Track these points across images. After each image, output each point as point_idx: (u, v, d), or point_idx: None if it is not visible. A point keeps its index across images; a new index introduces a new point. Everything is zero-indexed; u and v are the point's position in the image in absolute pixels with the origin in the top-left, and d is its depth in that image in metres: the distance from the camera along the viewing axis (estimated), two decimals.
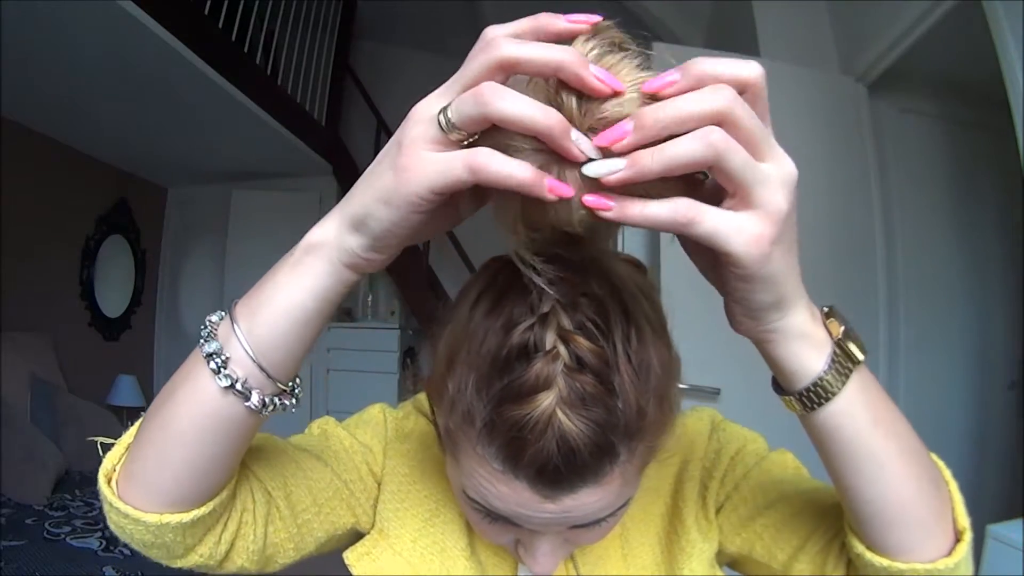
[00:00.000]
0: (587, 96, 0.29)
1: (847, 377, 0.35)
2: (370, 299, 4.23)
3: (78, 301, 3.42)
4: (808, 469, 0.52)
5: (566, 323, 0.36)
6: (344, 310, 4.13)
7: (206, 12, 2.52)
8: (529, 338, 0.36)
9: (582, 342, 0.36)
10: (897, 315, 1.98)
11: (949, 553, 0.38)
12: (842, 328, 0.36)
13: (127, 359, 3.70)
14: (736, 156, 0.28)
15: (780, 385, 0.37)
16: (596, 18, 0.30)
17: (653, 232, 1.88)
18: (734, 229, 0.29)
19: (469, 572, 0.50)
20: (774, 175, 0.29)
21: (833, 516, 0.44)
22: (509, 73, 0.29)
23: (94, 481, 0.41)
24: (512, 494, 0.38)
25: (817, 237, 1.83)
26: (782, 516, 0.47)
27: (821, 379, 0.35)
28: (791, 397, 0.36)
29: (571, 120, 0.29)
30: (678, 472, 0.53)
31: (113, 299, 3.69)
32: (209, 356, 0.35)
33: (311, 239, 0.36)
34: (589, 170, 0.29)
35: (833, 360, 0.35)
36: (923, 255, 2.04)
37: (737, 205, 0.30)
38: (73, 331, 3.34)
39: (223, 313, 0.38)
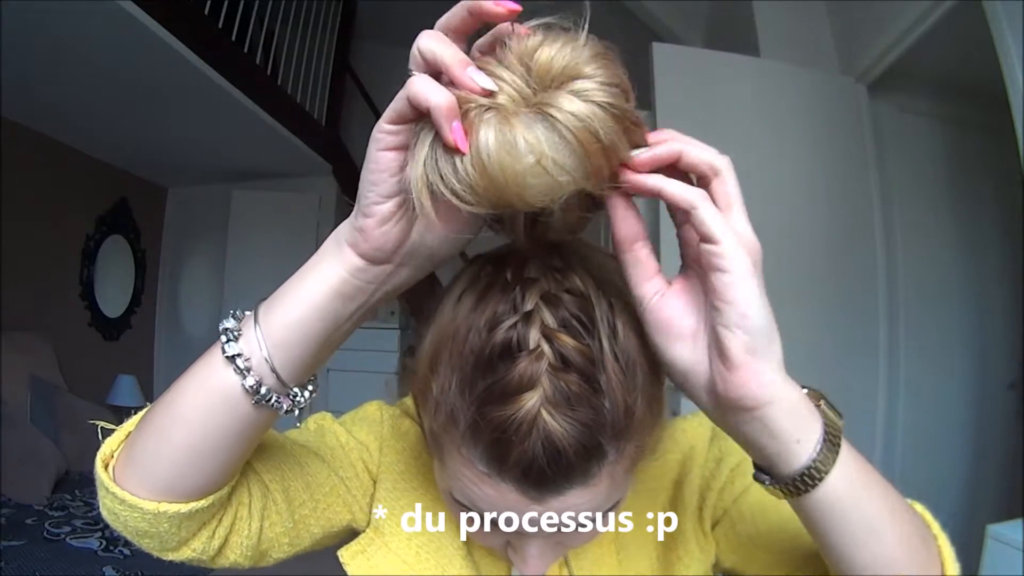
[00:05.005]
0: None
1: (838, 447, 0.34)
2: None
3: (78, 301, 3.42)
4: None
5: (550, 320, 0.36)
6: None
7: (206, 12, 2.52)
8: (512, 336, 0.35)
9: (567, 340, 0.35)
10: (897, 315, 1.98)
11: None
12: (819, 398, 0.35)
13: (127, 359, 3.69)
14: (710, 206, 0.32)
15: (770, 472, 0.36)
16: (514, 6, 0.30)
17: (651, 230, 1.88)
18: (725, 222, 0.32)
19: (465, 571, 0.50)
20: (742, 229, 0.33)
21: None
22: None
23: (94, 481, 0.40)
24: (498, 496, 0.37)
25: (817, 237, 1.83)
26: (780, 542, 0.46)
27: (816, 456, 0.33)
28: (784, 483, 0.34)
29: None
30: (677, 476, 0.52)
31: (113, 299, 3.69)
32: (224, 330, 0.36)
33: (336, 228, 0.37)
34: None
35: (825, 428, 0.34)
36: (923, 255, 2.04)
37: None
38: (73, 331, 3.34)
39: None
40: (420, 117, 0.31)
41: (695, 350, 0.35)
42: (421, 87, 0.30)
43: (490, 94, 0.30)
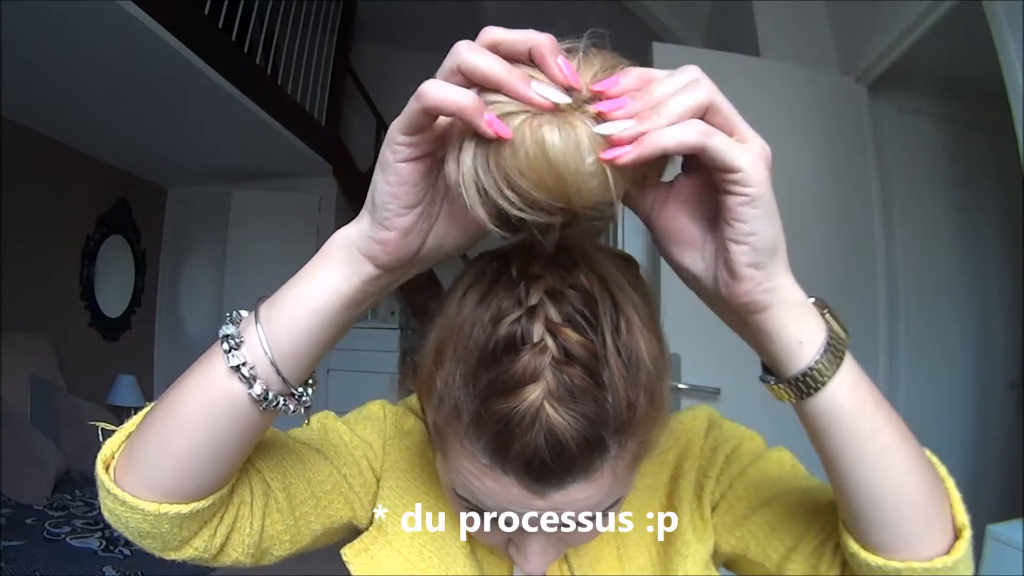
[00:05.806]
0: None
1: (842, 357, 0.35)
2: None
3: (78, 301, 3.42)
4: (806, 468, 0.52)
5: (554, 315, 0.36)
6: None
7: (206, 12, 2.52)
8: (516, 331, 0.36)
9: (570, 334, 0.35)
10: (897, 315, 1.98)
11: (947, 552, 0.38)
12: (824, 307, 0.37)
13: (127, 359, 3.70)
14: (720, 139, 0.30)
15: (773, 373, 0.37)
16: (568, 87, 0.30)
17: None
18: (741, 148, 0.31)
19: (468, 570, 0.50)
20: (754, 147, 0.32)
21: (828, 515, 0.44)
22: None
23: (94, 481, 0.40)
24: (500, 490, 0.37)
25: (817, 237, 1.83)
26: (776, 515, 0.47)
27: (818, 360, 0.34)
28: (787, 383, 0.36)
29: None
30: (674, 471, 0.53)
31: (113, 299, 3.69)
32: (225, 337, 0.36)
33: (337, 234, 0.37)
34: (602, 129, 0.30)
35: (829, 336, 0.35)
36: (923, 255, 2.04)
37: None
38: (73, 331, 3.34)
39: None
40: (436, 123, 0.31)
41: (704, 257, 0.35)
42: (437, 91, 0.29)
43: (557, 107, 0.29)
